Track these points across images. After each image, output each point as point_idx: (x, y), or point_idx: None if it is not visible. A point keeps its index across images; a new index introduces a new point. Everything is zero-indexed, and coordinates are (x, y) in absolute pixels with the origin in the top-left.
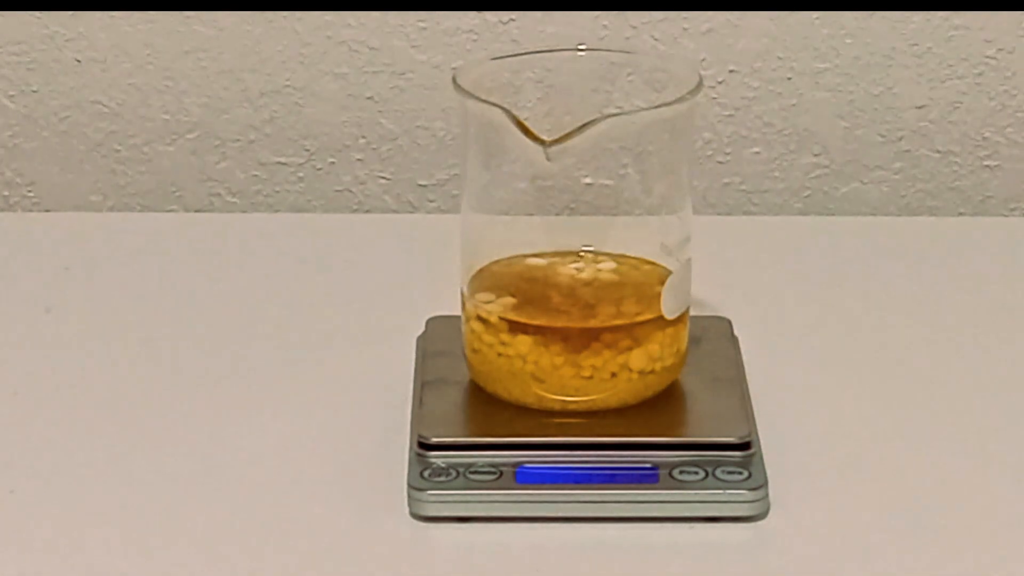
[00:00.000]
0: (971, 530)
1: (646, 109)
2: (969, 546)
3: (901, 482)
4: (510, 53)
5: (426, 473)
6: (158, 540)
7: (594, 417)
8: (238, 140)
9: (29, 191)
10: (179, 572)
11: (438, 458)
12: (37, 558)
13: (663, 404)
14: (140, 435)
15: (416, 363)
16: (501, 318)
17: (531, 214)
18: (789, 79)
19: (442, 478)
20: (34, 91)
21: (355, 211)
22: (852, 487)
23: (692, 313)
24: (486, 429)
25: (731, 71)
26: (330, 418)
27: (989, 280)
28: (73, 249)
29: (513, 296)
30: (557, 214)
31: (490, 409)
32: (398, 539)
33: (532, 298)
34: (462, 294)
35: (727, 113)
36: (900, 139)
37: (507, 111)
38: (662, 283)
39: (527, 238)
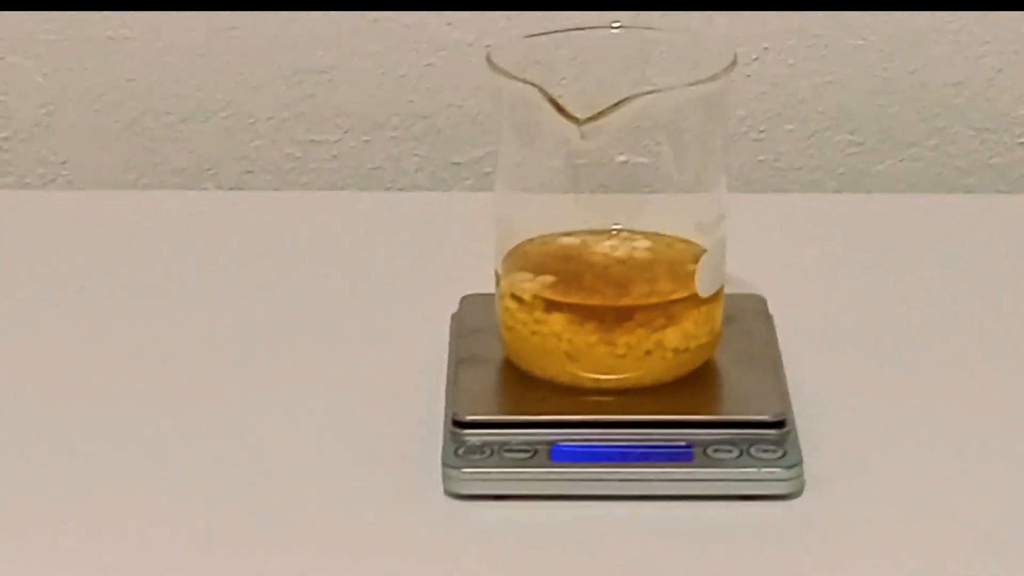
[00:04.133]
0: (1007, 511)
1: (680, 87)
2: (1005, 527)
3: (937, 461)
4: (544, 31)
5: (460, 451)
6: (194, 521)
7: (628, 395)
8: (272, 118)
9: (63, 170)
10: (215, 552)
11: (472, 436)
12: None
13: (697, 382)
14: (178, 410)
15: (450, 341)
16: (535, 296)
17: (565, 192)
18: (823, 56)
19: (476, 456)
20: (68, 69)
21: (389, 189)
22: (887, 466)
23: (726, 291)
24: (520, 407)
25: (765, 48)
26: (364, 397)
27: None
28: (106, 227)
29: (556, 274)
30: (591, 192)
31: (524, 387)
32: (433, 517)
33: (566, 276)
34: (496, 272)
35: (761, 90)
36: (935, 116)
37: (541, 89)
38: (696, 261)
39: (561, 216)
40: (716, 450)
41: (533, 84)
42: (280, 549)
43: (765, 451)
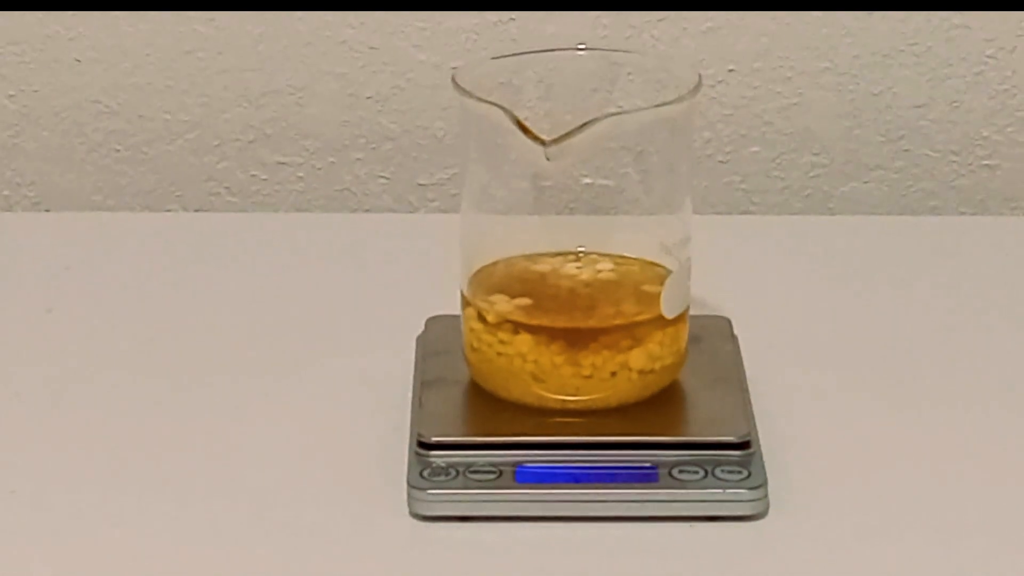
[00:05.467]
0: (971, 529)
1: (646, 108)
2: (968, 545)
3: (901, 481)
4: (510, 53)
5: (426, 472)
6: (158, 540)
7: (594, 416)
8: (238, 140)
9: (30, 191)
10: (179, 572)
11: (438, 457)
12: (37, 558)
13: (663, 403)
14: (140, 435)
15: (416, 362)
16: (501, 317)
17: (531, 214)
18: (789, 78)
19: (442, 477)
20: (35, 91)
21: (355, 210)
22: (852, 486)
23: (692, 312)
24: (486, 428)
25: (731, 70)
26: (330, 418)
27: (989, 279)
28: (73, 249)
29: (522, 296)
30: (557, 214)
31: (490, 408)
32: (398, 538)
33: (532, 298)
34: (462, 293)
35: (727, 112)
36: (900, 138)
37: (507, 111)
38: (662, 283)
39: (527, 238)
40: (681, 471)
41: (499, 106)
42: (244, 570)
43: (730, 472)
